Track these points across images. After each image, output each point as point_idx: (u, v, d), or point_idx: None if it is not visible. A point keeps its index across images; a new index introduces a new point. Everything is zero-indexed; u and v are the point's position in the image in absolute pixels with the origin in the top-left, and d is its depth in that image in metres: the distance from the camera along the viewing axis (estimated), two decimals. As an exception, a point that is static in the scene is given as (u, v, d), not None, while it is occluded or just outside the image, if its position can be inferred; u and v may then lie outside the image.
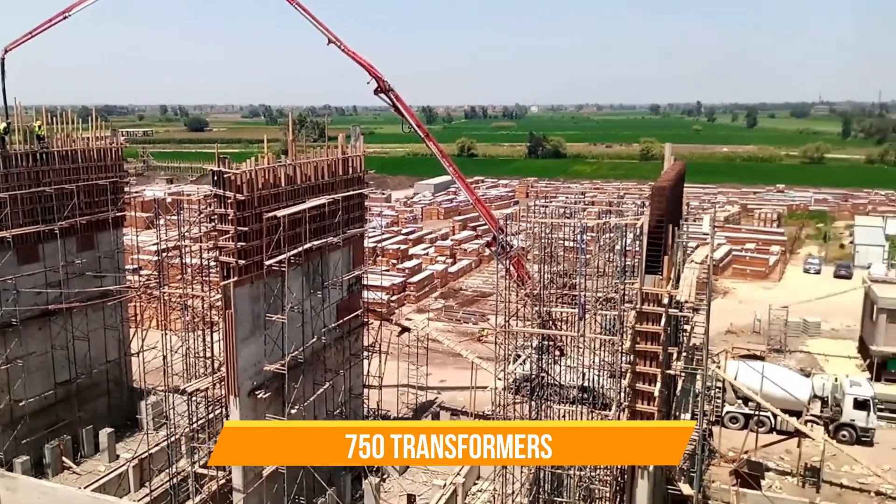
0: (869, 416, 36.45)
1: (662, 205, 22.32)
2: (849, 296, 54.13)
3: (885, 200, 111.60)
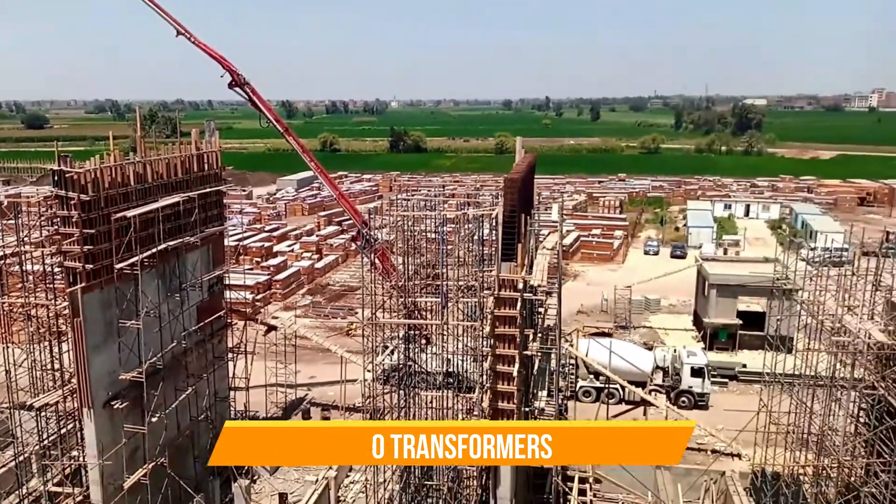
0: (704, 382, 40.35)
1: (515, 196, 23.68)
2: (684, 274, 59.45)
3: (713, 186, 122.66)
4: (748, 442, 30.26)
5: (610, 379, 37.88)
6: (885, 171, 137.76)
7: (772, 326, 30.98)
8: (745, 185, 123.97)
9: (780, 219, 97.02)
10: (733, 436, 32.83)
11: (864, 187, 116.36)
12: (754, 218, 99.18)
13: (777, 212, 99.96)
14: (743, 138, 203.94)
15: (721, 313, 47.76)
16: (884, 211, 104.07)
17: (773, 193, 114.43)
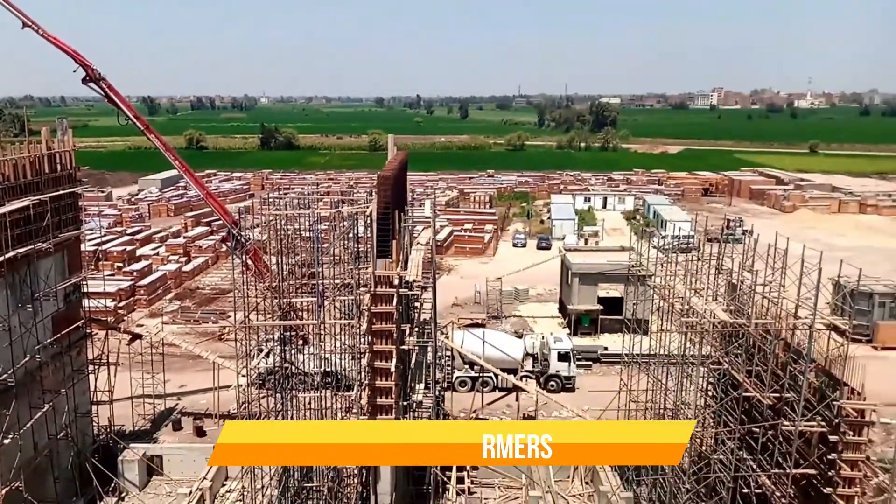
0: (570, 366, 42.53)
1: (388, 193, 23.98)
2: (549, 264, 62.12)
3: (573, 180, 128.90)
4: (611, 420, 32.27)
5: (484, 368, 39.11)
6: (725, 164, 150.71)
7: (629, 310, 33.14)
8: (603, 178, 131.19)
9: (634, 210, 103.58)
10: (598, 415, 34.93)
11: (707, 179, 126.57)
12: (611, 210, 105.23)
13: (631, 203, 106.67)
14: (600, 135, 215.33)
15: (584, 300, 50.39)
16: (724, 200, 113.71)
17: (628, 186, 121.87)
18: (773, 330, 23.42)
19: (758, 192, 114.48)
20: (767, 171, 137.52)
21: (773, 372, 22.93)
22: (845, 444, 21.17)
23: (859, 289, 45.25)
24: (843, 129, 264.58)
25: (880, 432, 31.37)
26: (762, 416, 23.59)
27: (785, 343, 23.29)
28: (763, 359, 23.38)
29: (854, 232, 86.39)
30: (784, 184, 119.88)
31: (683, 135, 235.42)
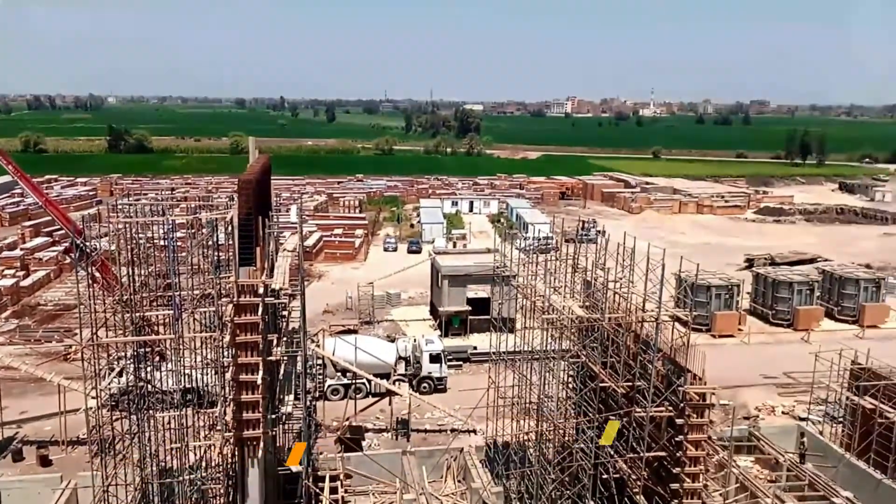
0: (442, 367, 43.23)
1: (250, 198, 23.28)
2: (420, 267, 62.85)
3: (441, 185, 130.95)
4: (482, 417, 33.14)
5: (357, 375, 38.88)
6: (580, 169, 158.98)
7: (496, 310, 34.19)
8: (469, 183, 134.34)
9: (498, 213, 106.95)
10: (468, 413, 35.76)
11: (563, 183, 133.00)
12: (477, 213, 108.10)
13: (496, 207, 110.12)
14: (464, 140, 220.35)
15: (453, 301, 51.43)
16: (580, 203, 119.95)
17: (492, 190, 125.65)
18: (624, 323, 25.03)
19: (609, 195, 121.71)
20: (617, 175, 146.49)
21: (626, 362, 24.49)
22: (690, 426, 22.98)
23: (698, 282, 49.57)
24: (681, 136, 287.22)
25: (720, 413, 34.34)
26: (617, 404, 25.13)
27: (635, 335, 24.95)
28: (616, 350, 24.92)
29: (693, 230, 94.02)
30: (632, 187, 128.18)
31: (542, 141, 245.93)
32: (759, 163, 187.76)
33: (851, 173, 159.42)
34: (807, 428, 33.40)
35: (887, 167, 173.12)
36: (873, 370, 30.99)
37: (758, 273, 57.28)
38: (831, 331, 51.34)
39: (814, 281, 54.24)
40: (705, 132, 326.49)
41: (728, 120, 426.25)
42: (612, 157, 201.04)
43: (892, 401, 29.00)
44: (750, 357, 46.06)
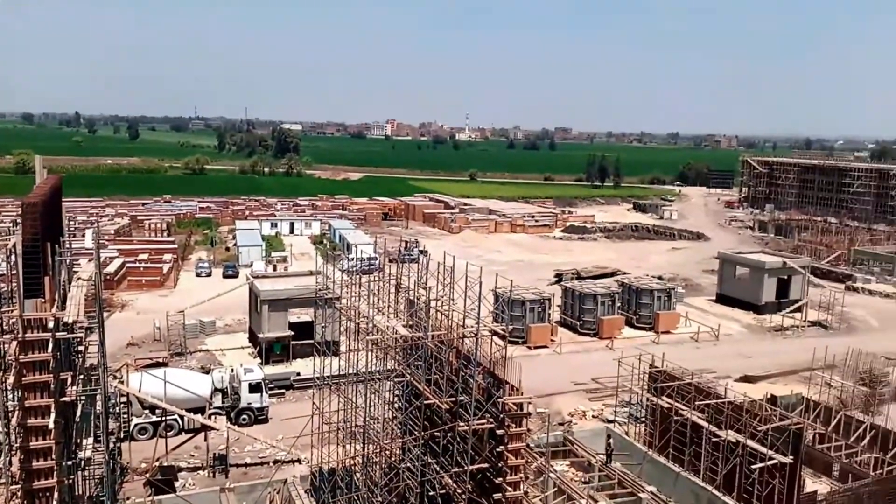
0: (262, 396, 41.40)
1: (36, 222, 20.86)
2: (237, 293, 60.10)
3: (259, 206, 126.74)
4: (307, 445, 32.17)
5: (167, 411, 36.14)
6: (401, 190, 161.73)
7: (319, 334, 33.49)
8: (289, 204, 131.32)
9: (320, 234, 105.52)
10: (292, 442, 34.53)
11: (385, 204, 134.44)
12: (299, 235, 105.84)
13: (318, 228, 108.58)
14: (283, 160, 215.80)
15: (274, 327, 49.71)
16: (402, 223, 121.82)
17: (314, 211, 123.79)
18: (446, 340, 25.53)
19: (430, 215, 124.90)
20: (437, 196, 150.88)
21: (449, 378, 24.96)
22: (510, 436, 23.85)
23: (513, 297, 52.11)
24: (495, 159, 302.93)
25: (536, 421, 36.03)
26: (442, 420, 25.51)
27: (457, 351, 25.53)
28: (440, 367, 25.34)
29: (508, 248, 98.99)
30: (451, 208, 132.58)
31: (363, 162, 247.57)
32: (564, 185, 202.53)
33: (643, 194, 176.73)
34: (613, 429, 36.07)
35: (673, 188, 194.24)
36: (668, 372, 34.24)
37: (566, 287, 61.36)
38: (631, 337, 56.14)
39: (615, 293, 59.11)
40: (516, 156, 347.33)
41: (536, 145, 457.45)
42: (431, 179, 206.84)
43: (686, 399, 32.17)
44: (562, 366, 49.04)
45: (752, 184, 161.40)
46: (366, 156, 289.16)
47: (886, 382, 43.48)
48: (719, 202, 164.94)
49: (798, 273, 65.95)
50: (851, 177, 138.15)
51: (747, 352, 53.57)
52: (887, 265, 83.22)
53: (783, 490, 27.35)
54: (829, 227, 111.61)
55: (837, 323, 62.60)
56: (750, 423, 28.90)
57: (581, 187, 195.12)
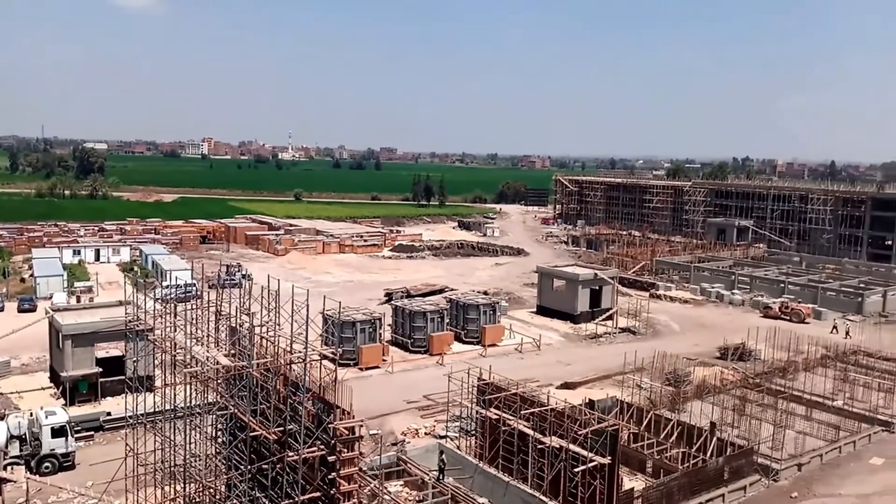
0: (68, 440, 37.28)
1: None
2: (35, 328, 54.09)
3: (59, 232, 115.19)
4: (120, 490, 29.47)
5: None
6: (220, 212, 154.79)
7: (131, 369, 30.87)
8: (94, 229, 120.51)
9: (131, 261, 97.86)
10: (104, 489, 31.41)
11: (203, 227, 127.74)
12: (105, 262, 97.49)
13: (128, 254, 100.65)
14: (86, 182, 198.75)
15: (79, 364, 45.11)
16: (223, 247, 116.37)
17: (122, 236, 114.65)
18: (272, 367, 24.52)
19: (253, 237, 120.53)
20: (260, 217, 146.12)
21: (276, 407, 23.96)
22: (342, 462, 23.32)
23: (343, 319, 51.48)
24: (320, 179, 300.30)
25: (369, 443, 35.69)
26: (270, 451, 24.39)
27: (284, 378, 24.60)
28: (266, 396, 24.26)
29: (337, 269, 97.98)
30: (275, 229, 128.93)
31: (177, 183, 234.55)
32: (391, 204, 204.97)
33: (467, 212, 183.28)
34: (445, 445, 36.54)
35: (494, 207, 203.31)
36: (495, 384, 35.33)
37: (396, 306, 61.71)
38: (461, 352, 57.49)
39: (443, 309, 60.34)
40: (342, 176, 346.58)
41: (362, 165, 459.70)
42: (253, 200, 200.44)
43: (512, 409, 33.33)
44: (394, 385, 49.06)
45: (565, 201, 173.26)
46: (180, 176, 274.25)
47: (689, 381, 48.00)
48: (536, 219, 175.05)
49: (608, 283, 71.35)
50: (651, 193, 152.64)
51: (566, 359, 56.87)
52: (685, 273, 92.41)
53: (604, 490, 29.06)
54: (634, 239, 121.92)
55: (644, 328, 68.29)
56: (571, 427, 30.44)
57: (408, 206, 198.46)
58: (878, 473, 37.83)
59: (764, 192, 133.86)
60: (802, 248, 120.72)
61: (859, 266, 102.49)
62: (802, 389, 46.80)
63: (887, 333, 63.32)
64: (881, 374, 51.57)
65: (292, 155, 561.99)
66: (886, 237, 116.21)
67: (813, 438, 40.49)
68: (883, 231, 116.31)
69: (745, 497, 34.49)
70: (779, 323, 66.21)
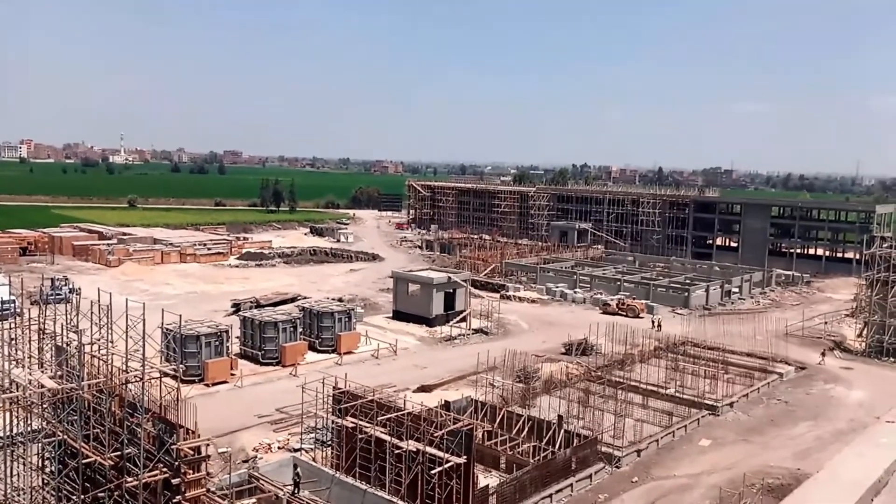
0: None
1: None
2: None
3: None
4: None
5: None
6: (43, 220, 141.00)
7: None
8: None
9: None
10: None
11: (24, 237, 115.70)
12: None
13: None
14: None
15: None
16: (47, 259, 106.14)
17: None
18: (106, 388, 22.46)
19: (81, 248, 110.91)
20: (89, 226, 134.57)
21: (112, 430, 21.98)
22: (188, 484, 21.80)
23: (186, 332, 48.50)
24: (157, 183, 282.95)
25: (219, 461, 33.76)
26: (106, 478, 22.33)
27: (120, 398, 22.63)
28: (100, 419, 22.20)
29: (178, 280, 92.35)
30: (107, 238, 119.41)
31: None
32: (237, 210, 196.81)
33: (320, 218, 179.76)
34: (300, 457, 35.36)
35: (348, 212, 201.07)
36: (351, 392, 34.70)
37: (245, 317, 59.03)
38: (315, 361, 56.02)
39: (296, 318, 58.50)
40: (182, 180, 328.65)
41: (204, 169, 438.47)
42: (81, 207, 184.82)
43: (369, 416, 32.87)
44: (244, 399, 46.87)
45: (418, 206, 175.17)
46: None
47: (538, 377, 49.89)
48: (390, 224, 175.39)
49: (461, 286, 72.76)
50: (499, 198, 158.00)
51: (423, 363, 57.22)
52: (531, 274, 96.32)
53: (460, 489, 29.38)
54: (484, 243, 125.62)
55: (496, 328, 70.26)
56: (427, 430, 30.52)
57: (256, 212, 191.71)
58: (707, 454, 41.12)
59: (600, 196, 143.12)
60: (636, 248, 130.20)
61: (685, 264, 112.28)
62: (639, 380, 50.17)
63: (710, 325, 69.37)
64: (706, 363, 56.46)
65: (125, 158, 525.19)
66: (707, 237, 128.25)
67: (649, 425, 43.38)
68: (704, 231, 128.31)
69: (591, 485, 36.16)
70: (616, 318, 70.63)
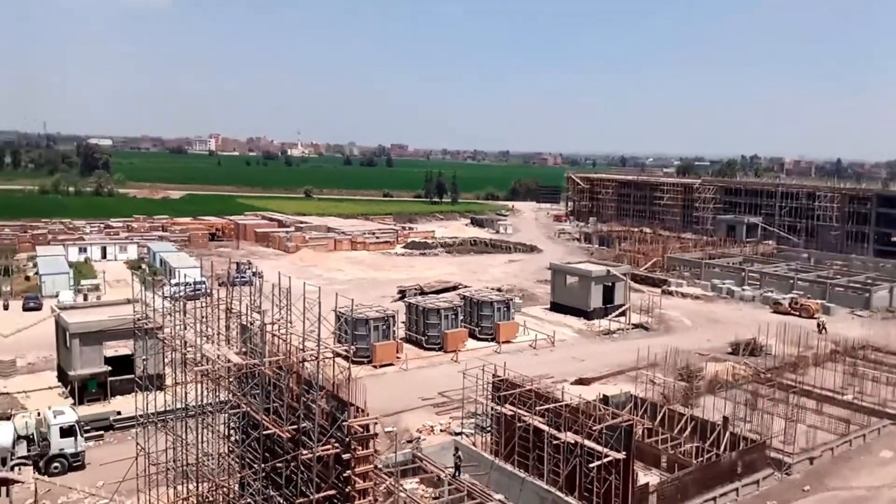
0: (77, 440, 36.97)
1: None
2: (41, 327, 53.87)
3: (64, 229, 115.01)
4: (132, 490, 29.14)
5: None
6: (229, 209, 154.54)
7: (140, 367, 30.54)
8: (100, 226, 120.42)
9: (138, 258, 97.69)
10: (115, 488, 31.10)
11: (212, 224, 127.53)
12: (112, 260, 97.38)
13: (135, 252, 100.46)
14: (91, 178, 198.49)
15: (87, 363, 44.80)
16: (232, 244, 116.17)
17: (129, 234, 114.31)
18: (285, 365, 24.06)
19: (263, 234, 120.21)
20: (270, 214, 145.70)
21: (290, 405, 23.52)
22: (357, 460, 22.86)
23: (356, 316, 51.01)
24: (330, 175, 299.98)
25: (384, 440, 35.28)
26: (283, 449, 23.96)
27: (297, 376, 24.15)
28: (279, 394, 23.83)
29: (349, 266, 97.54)
30: (286, 226, 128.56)
31: (184, 179, 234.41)
32: (403, 201, 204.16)
33: (480, 209, 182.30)
34: (461, 441, 36.10)
35: (507, 204, 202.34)
36: (510, 380, 34.84)
37: (410, 303, 61.21)
38: (475, 349, 56.96)
39: (457, 306, 59.82)
40: (353, 173, 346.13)
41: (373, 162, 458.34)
42: (262, 197, 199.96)
43: (527, 405, 32.83)
44: (409, 382, 48.61)
45: (577, 198, 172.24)
46: (188, 172, 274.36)
47: (701, 376, 47.42)
48: (548, 216, 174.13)
49: (620, 280, 70.67)
50: (661, 190, 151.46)
51: (580, 355, 56.31)
52: (696, 270, 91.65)
53: (619, 485, 28.57)
54: (645, 236, 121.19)
55: (656, 324, 67.65)
56: (586, 423, 29.97)
57: (420, 203, 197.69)
58: (888, 466, 37.45)
59: (772, 189, 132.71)
60: (810, 244, 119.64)
61: (866, 262, 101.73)
62: (813, 384, 46.30)
63: (895, 328, 62.66)
64: (889, 369, 51.27)
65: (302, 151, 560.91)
66: (892, 233, 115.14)
67: (824, 432, 40.20)
68: (888, 227, 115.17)
69: (758, 491, 34.09)
70: (789, 319, 65.46)
